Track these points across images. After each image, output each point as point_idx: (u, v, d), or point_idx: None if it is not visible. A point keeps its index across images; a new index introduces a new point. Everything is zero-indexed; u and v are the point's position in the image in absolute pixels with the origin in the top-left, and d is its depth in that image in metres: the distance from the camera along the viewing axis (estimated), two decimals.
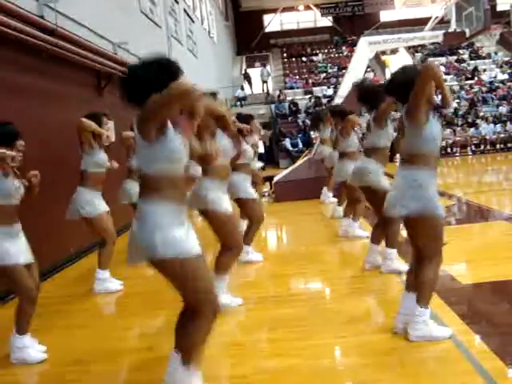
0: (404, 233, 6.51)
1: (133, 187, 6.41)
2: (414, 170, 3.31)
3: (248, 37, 33.16)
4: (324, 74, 28.11)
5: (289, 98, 24.79)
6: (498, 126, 20.21)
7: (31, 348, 3.67)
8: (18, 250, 3.60)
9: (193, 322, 2.62)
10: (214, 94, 4.05)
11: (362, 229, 6.75)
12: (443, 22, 15.20)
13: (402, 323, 3.43)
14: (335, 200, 9.11)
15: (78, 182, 5.15)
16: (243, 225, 6.14)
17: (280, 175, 11.55)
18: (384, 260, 4.95)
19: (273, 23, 35.19)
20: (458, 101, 22.46)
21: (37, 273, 3.83)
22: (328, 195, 9.94)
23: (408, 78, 3.34)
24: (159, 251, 2.48)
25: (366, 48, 13.16)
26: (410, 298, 3.42)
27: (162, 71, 2.51)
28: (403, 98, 3.40)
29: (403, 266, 4.84)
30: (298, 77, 28.61)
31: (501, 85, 23.49)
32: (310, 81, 27.30)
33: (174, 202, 2.56)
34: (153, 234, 2.48)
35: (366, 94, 5.04)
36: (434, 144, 3.33)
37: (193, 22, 18.11)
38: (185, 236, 2.55)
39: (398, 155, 3.71)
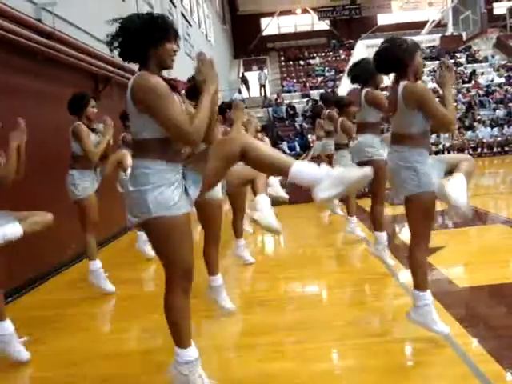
0: (401, 236, 6.54)
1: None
2: (405, 152, 3.28)
3: (245, 40, 33.25)
4: (321, 78, 28.15)
5: (286, 102, 24.82)
6: (495, 129, 20.27)
7: None
8: None
9: (167, 297, 2.66)
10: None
11: (359, 228, 6.76)
12: (440, 26, 15.29)
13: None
14: None
15: (69, 165, 5.03)
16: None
17: (277, 178, 11.53)
18: (376, 244, 5.04)
19: (270, 27, 35.27)
20: (455, 104, 22.50)
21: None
22: None
23: (397, 51, 3.29)
24: (151, 210, 2.51)
25: (363, 51, 13.25)
26: None
27: (151, 26, 2.50)
28: (396, 69, 3.35)
29: (390, 260, 5.05)
30: (295, 80, 28.65)
31: (498, 88, 23.55)
32: (308, 84, 27.35)
33: (165, 160, 2.55)
34: (145, 194, 2.51)
35: (357, 71, 5.09)
36: (425, 125, 3.30)
37: (190, 25, 18.13)
38: (176, 195, 2.56)
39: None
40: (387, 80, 4.10)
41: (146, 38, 2.50)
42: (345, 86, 12.52)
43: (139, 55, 2.55)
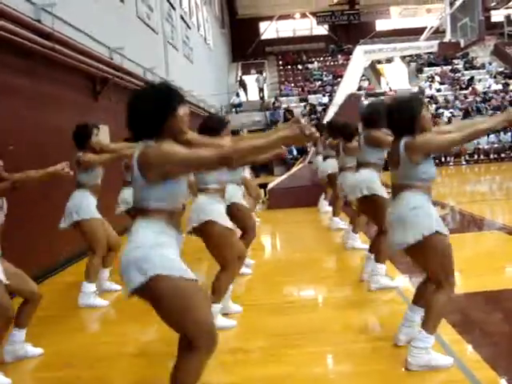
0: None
1: (130, 196, 6.31)
2: (409, 196, 3.23)
3: (244, 44, 33.27)
4: (319, 82, 28.22)
5: (284, 106, 24.85)
6: (491, 136, 20.33)
7: None
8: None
9: (187, 356, 2.42)
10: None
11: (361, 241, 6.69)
12: (438, 32, 15.30)
13: (404, 335, 3.39)
14: (330, 210, 9.08)
15: (74, 188, 4.95)
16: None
17: (274, 182, 11.55)
18: (373, 276, 4.83)
19: (269, 31, 35.31)
20: (452, 110, 22.59)
21: (27, 283, 3.74)
22: (324, 204, 9.85)
23: (405, 114, 3.25)
24: (154, 268, 2.30)
25: (361, 57, 13.23)
26: (414, 311, 3.39)
27: (160, 104, 2.40)
28: (401, 132, 3.30)
29: (392, 282, 4.85)
30: (293, 84, 28.69)
31: (494, 95, 23.65)
32: (306, 88, 27.40)
33: (168, 227, 2.43)
34: (149, 252, 2.33)
35: (364, 116, 5.05)
36: (427, 181, 3.28)
37: (189, 28, 18.14)
38: (178, 258, 2.42)
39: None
40: None
41: (156, 114, 2.39)
42: (341, 94, 12.55)
43: (155, 130, 2.40)
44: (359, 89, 19.75)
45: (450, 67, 27.45)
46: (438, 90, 24.68)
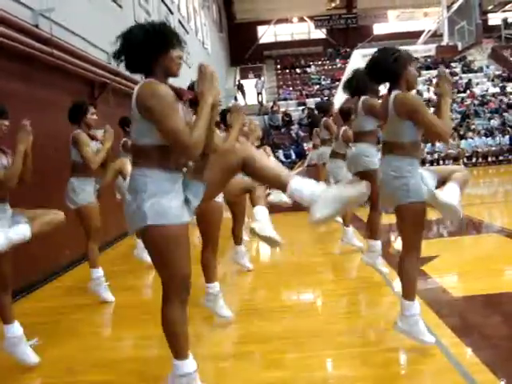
0: (396, 244, 6.55)
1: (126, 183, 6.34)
2: (396, 162, 3.27)
3: (242, 48, 33.31)
4: (317, 86, 28.25)
5: (282, 110, 24.87)
6: (489, 138, 20.36)
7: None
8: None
9: (163, 305, 2.62)
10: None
11: (356, 238, 6.71)
12: (436, 36, 15.35)
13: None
14: None
15: (69, 173, 5.03)
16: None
17: None
18: (367, 252, 5.05)
19: (267, 35, 35.38)
20: (449, 113, 22.61)
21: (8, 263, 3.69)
22: None
23: (389, 61, 3.29)
24: (147, 218, 2.47)
25: (359, 60, 13.29)
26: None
27: (153, 35, 2.48)
28: (387, 81, 3.38)
29: (383, 268, 4.99)
30: (291, 88, 28.73)
31: (492, 98, 23.68)
32: (304, 92, 27.43)
33: (164, 169, 2.52)
34: (141, 202, 2.48)
35: (354, 83, 5.09)
36: (416, 134, 3.29)
37: (187, 32, 18.16)
38: (174, 204, 2.52)
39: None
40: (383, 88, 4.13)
41: (149, 48, 2.47)
42: (340, 96, 12.57)
43: (145, 66, 2.53)
44: None
45: (447, 70, 27.48)
46: (436, 93, 24.68)
